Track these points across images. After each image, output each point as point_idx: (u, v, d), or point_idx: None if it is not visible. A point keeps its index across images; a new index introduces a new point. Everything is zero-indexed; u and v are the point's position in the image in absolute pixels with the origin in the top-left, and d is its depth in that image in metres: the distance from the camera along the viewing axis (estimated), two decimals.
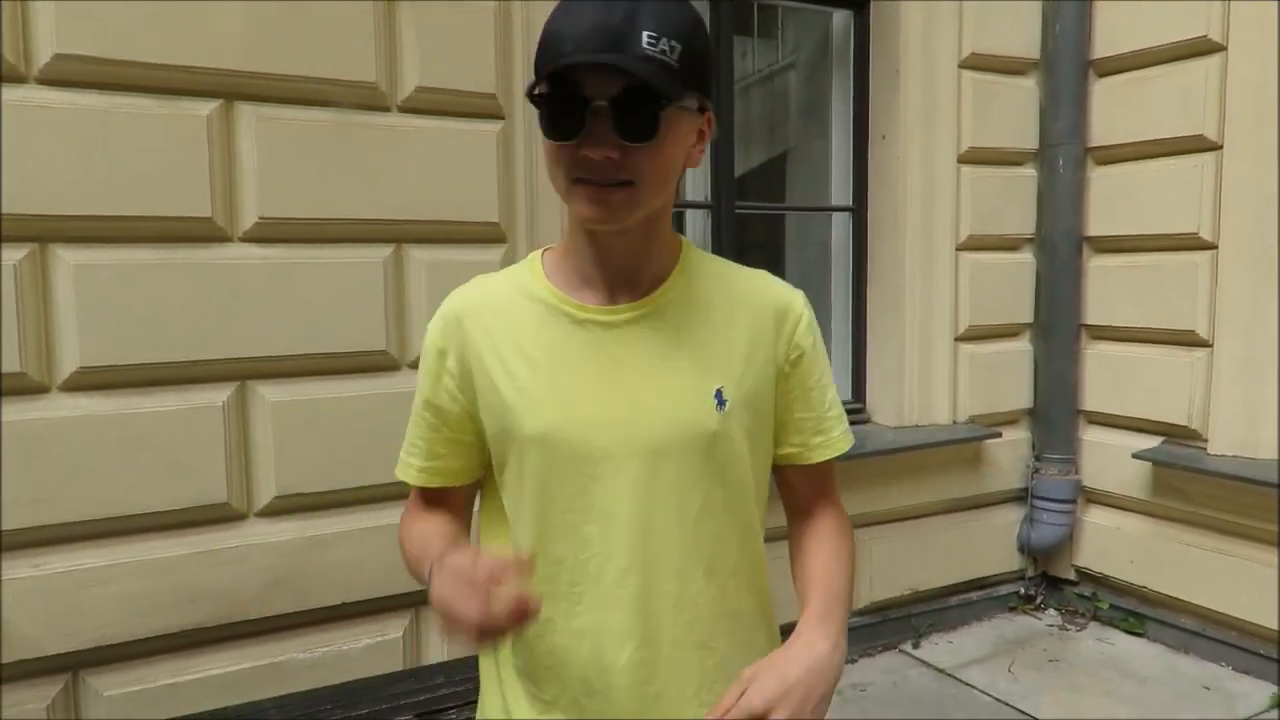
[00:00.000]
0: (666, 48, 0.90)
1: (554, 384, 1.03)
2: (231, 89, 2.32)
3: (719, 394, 1.04)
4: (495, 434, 1.07)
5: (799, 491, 1.18)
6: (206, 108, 2.30)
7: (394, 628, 2.63)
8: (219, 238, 2.35)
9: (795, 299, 1.13)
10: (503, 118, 2.65)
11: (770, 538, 1.18)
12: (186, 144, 2.28)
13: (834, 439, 1.16)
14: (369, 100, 2.48)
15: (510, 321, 1.06)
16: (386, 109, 2.52)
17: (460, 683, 2.32)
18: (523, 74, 2.67)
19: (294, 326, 2.43)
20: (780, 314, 1.10)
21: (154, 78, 2.23)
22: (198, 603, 2.37)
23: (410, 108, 2.53)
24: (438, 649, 2.68)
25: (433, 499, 1.15)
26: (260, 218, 2.38)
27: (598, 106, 0.91)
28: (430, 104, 2.55)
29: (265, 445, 2.44)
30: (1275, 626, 3.15)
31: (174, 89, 2.26)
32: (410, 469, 1.14)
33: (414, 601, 2.65)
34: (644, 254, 1.05)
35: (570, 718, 1.06)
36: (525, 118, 2.67)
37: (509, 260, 2.68)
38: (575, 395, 1.02)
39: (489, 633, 0.86)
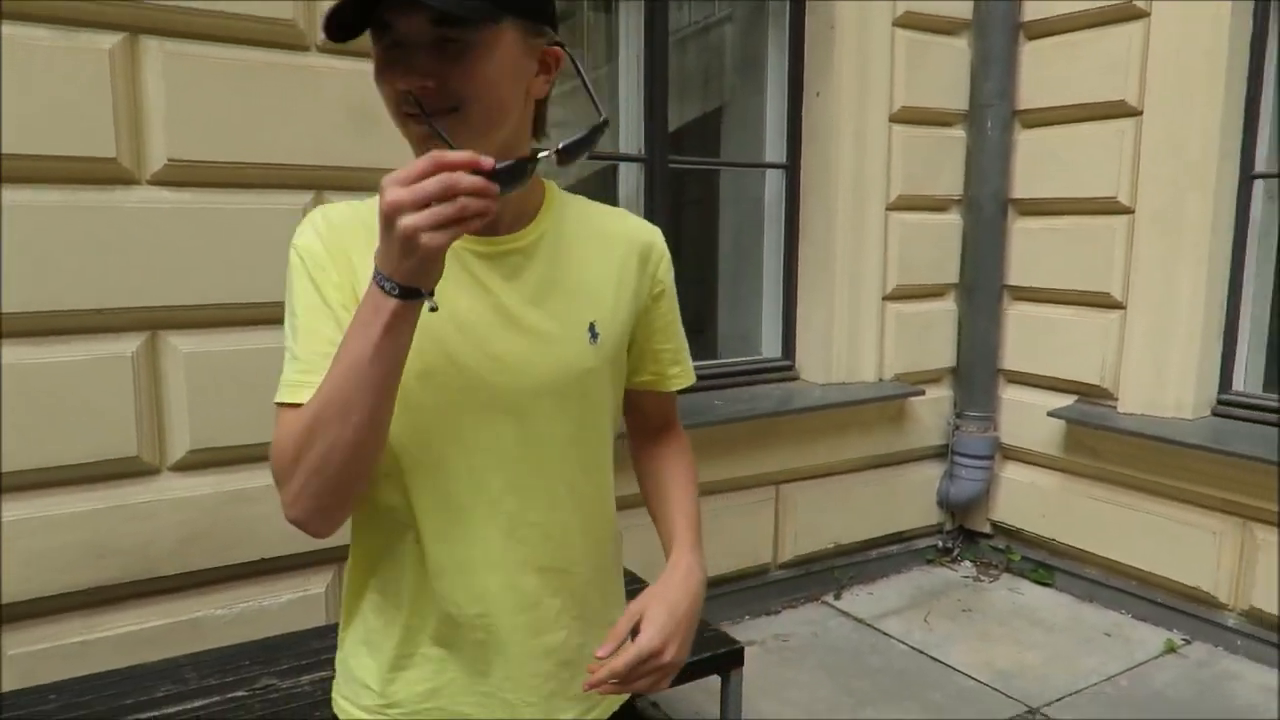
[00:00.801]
0: None
1: (426, 318, 0.95)
2: (136, 22, 2.19)
3: (592, 327, 1.06)
4: None
5: (651, 417, 1.26)
6: (109, 41, 2.17)
7: (316, 583, 2.60)
8: (125, 180, 2.24)
9: (657, 237, 1.18)
10: None
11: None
12: (88, 79, 2.15)
13: (687, 370, 1.24)
14: (286, 39, 2.38)
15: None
16: (305, 49, 2.41)
17: None
18: None
19: (207, 275, 2.34)
20: (645, 251, 1.15)
21: (51, 8, 2.09)
22: (108, 559, 2.30)
23: (330, 49, 2.43)
24: None
25: None
26: (169, 160, 2.27)
27: (401, 36, 0.90)
28: (350, 45, 2.44)
29: (178, 398, 2.35)
30: (1174, 578, 3.33)
31: (73, 20, 2.13)
32: (303, 389, 0.95)
33: (336, 557, 2.61)
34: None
35: (442, 650, 1.06)
36: None
37: None
38: (453, 325, 0.99)
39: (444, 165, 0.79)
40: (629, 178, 3.39)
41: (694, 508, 1.20)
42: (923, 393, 3.77)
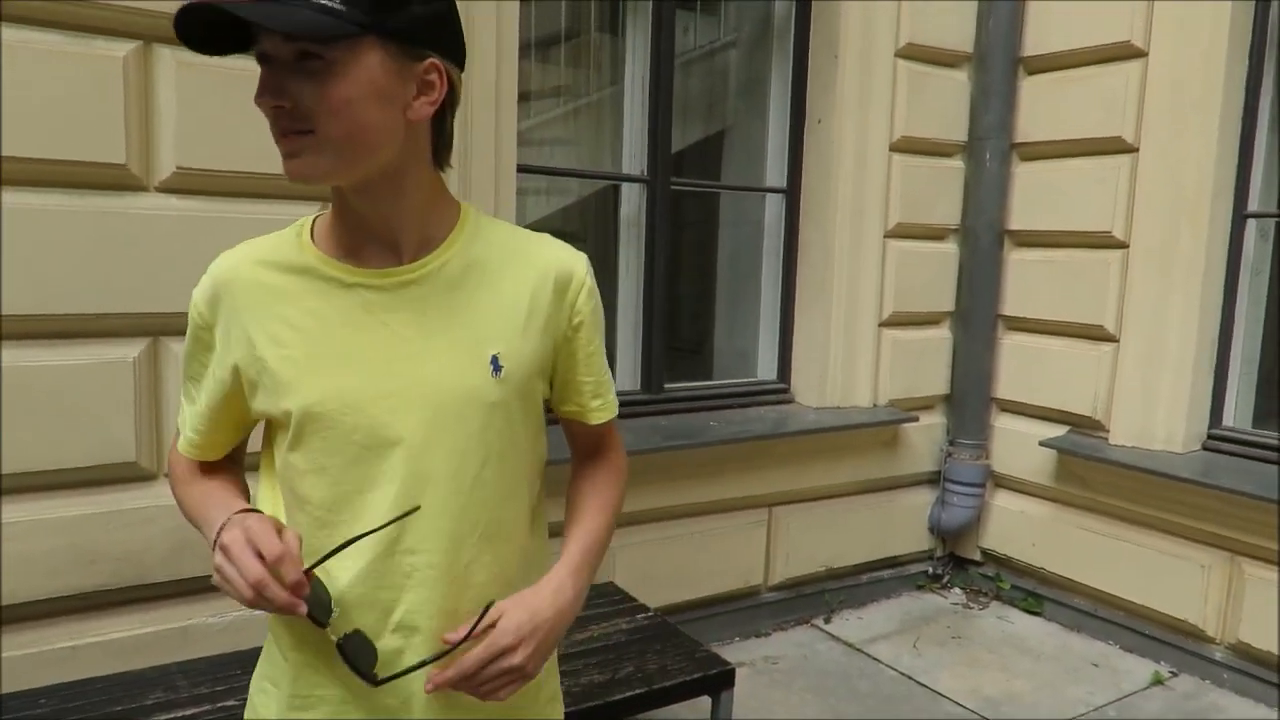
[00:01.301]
0: None
1: (324, 352, 0.99)
2: (151, 30, 2.22)
3: (495, 360, 1.03)
4: (264, 408, 1.02)
5: (583, 444, 1.25)
6: (123, 49, 2.19)
7: None
8: (134, 186, 2.25)
9: (578, 265, 1.12)
10: None
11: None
12: (100, 85, 2.17)
13: (610, 402, 1.20)
14: None
15: (275, 289, 1.02)
16: None
17: None
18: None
19: None
20: (563, 280, 1.10)
21: (68, 13, 2.12)
22: (100, 564, 2.30)
23: None
24: None
25: (205, 464, 1.13)
26: (178, 167, 2.28)
27: (266, 54, 0.91)
28: None
29: (178, 405, 2.35)
30: (1162, 610, 3.34)
31: (89, 26, 2.15)
32: (182, 434, 1.12)
33: None
34: (399, 215, 1.01)
35: (340, 690, 1.04)
36: (460, 79, 2.61)
37: None
38: (346, 363, 0.99)
39: (263, 597, 0.88)
40: (631, 198, 3.42)
41: (594, 531, 1.14)
42: (916, 419, 3.80)
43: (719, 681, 2.39)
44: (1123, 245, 3.42)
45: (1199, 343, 3.27)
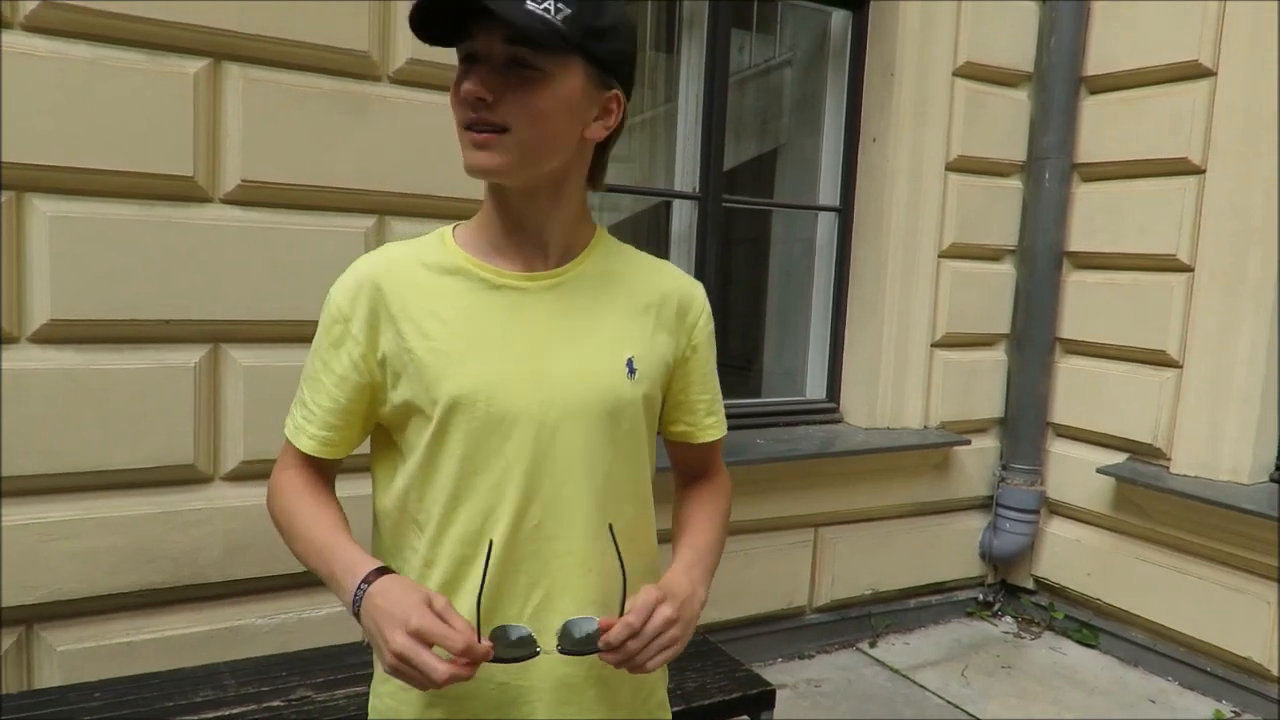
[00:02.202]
0: (551, 8, 0.94)
1: (471, 346, 1.04)
2: (221, 48, 2.30)
3: (630, 363, 1.09)
4: (407, 398, 1.06)
5: (688, 465, 1.28)
6: (194, 65, 2.27)
7: None
8: (199, 198, 2.33)
9: (698, 291, 1.20)
10: None
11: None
12: (171, 101, 2.25)
13: (721, 420, 1.26)
14: (360, 69, 2.47)
15: (424, 287, 1.07)
16: (378, 79, 2.50)
17: None
18: None
19: (271, 291, 2.42)
20: (685, 304, 1.17)
21: (142, 31, 2.20)
22: (158, 563, 2.36)
23: (402, 79, 2.52)
24: None
25: (312, 464, 1.14)
26: (243, 180, 2.36)
27: (477, 54, 0.97)
28: (422, 77, 2.54)
29: (235, 409, 2.42)
30: (1224, 646, 3.22)
31: (162, 44, 2.23)
32: (302, 435, 1.12)
33: None
34: (553, 222, 1.08)
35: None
36: None
37: None
38: (493, 357, 1.04)
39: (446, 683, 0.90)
40: (682, 214, 3.43)
41: (707, 541, 1.17)
42: (969, 442, 3.73)
43: (759, 702, 2.36)
44: (1187, 269, 3.33)
45: (1268, 369, 3.16)
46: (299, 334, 2.47)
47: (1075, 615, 3.74)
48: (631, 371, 1.09)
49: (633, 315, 1.12)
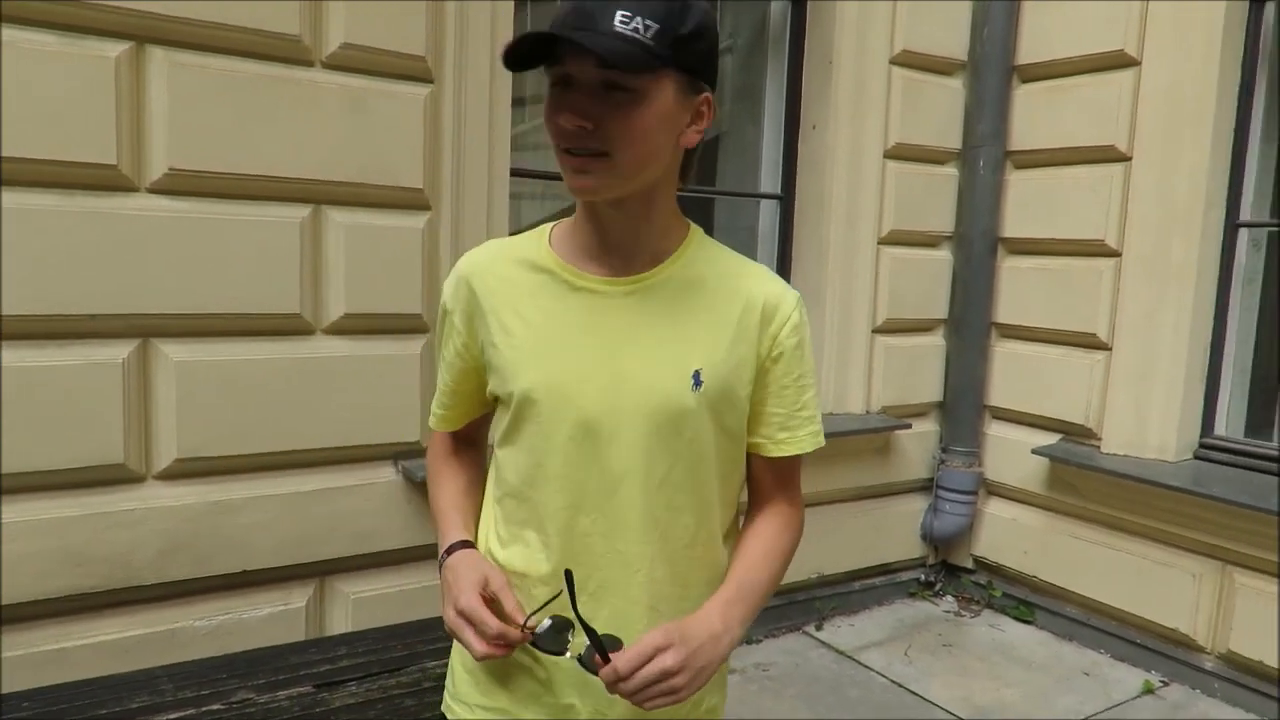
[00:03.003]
0: (640, 26, 0.95)
1: (544, 345, 1.10)
2: (144, 31, 2.21)
3: (696, 374, 1.09)
4: (495, 389, 1.16)
5: (759, 482, 1.24)
6: (116, 49, 2.18)
7: (297, 597, 2.58)
8: (124, 187, 2.24)
9: (788, 299, 1.16)
10: (432, 81, 2.59)
11: None
12: (91, 86, 2.16)
13: (799, 437, 1.20)
14: (292, 54, 2.40)
15: (512, 284, 1.13)
16: (310, 64, 2.43)
17: (362, 654, 2.28)
18: (455, 38, 2.61)
19: (202, 284, 2.34)
20: (769, 311, 1.14)
21: (57, 13, 2.11)
22: (89, 566, 2.29)
23: (335, 64, 2.46)
24: (341, 619, 2.65)
25: (455, 434, 1.30)
26: (170, 169, 2.28)
27: (570, 77, 0.98)
28: (356, 62, 2.48)
29: (167, 406, 2.35)
30: (1153, 619, 3.34)
31: (80, 26, 2.14)
32: (433, 412, 1.29)
33: (319, 571, 2.60)
34: (642, 230, 1.11)
35: (524, 656, 1.14)
36: (455, 83, 2.61)
37: (432, 228, 2.63)
38: (562, 358, 1.09)
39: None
40: None
41: (756, 578, 1.14)
42: (909, 426, 3.79)
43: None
44: (1115, 254, 3.43)
45: (1191, 351, 3.28)
46: (233, 327, 2.41)
47: (1013, 593, 3.84)
48: (697, 383, 1.09)
49: (711, 325, 1.11)
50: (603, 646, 1.00)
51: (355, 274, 2.54)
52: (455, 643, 1.18)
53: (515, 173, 2.87)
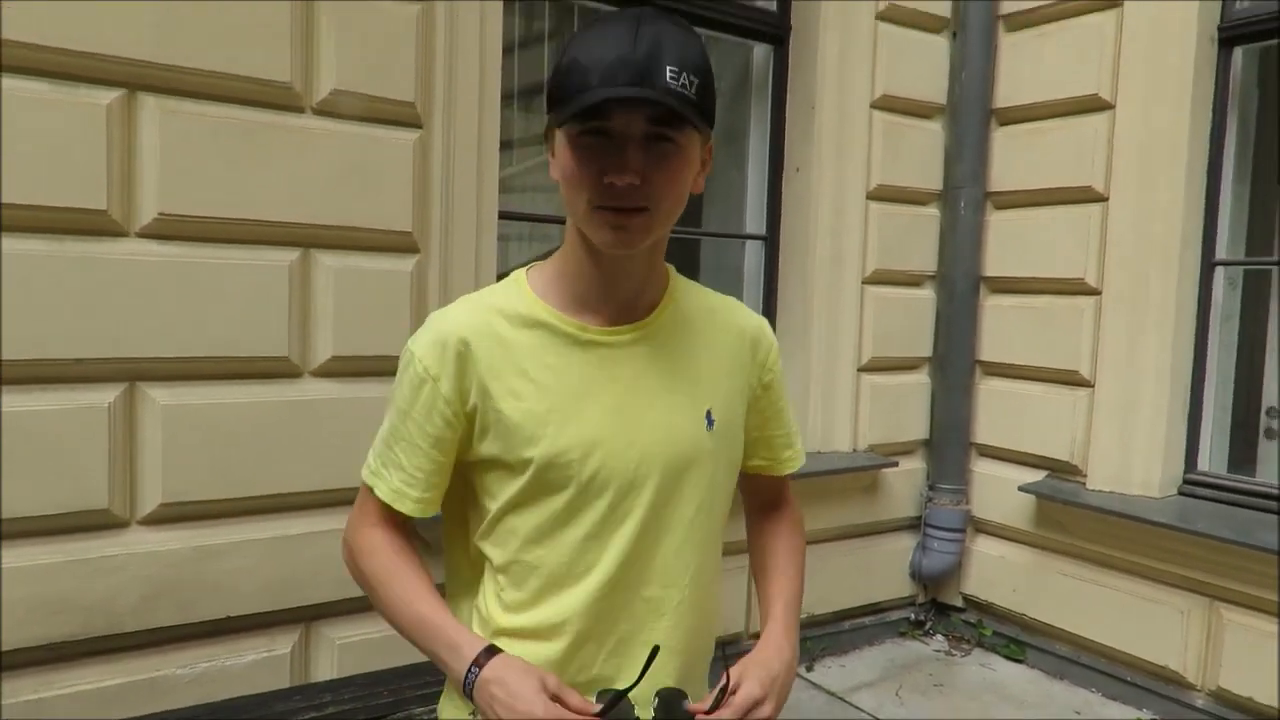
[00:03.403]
0: (686, 82, 0.96)
1: (562, 407, 1.06)
2: (136, 79, 2.24)
3: (709, 414, 1.12)
4: (493, 453, 1.08)
5: (765, 497, 1.33)
6: (108, 96, 2.21)
7: (282, 643, 2.55)
8: (114, 231, 2.25)
9: (766, 327, 1.23)
10: (420, 127, 2.62)
11: None
12: (83, 133, 2.18)
13: (799, 452, 1.31)
14: (282, 100, 2.43)
15: (507, 343, 1.07)
16: (300, 110, 2.46)
17: (348, 701, 2.25)
18: (443, 84, 2.65)
19: (190, 327, 2.35)
20: (755, 341, 1.20)
21: (52, 61, 2.13)
22: (68, 614, 2.25)
23: (325, 110, 2.49)
24: (326, 666, 2.61)
25: (397, 518, 1.14)
26: (160, 213, 2.29)
27: (608, 130, 0.97)
28: (346, 108, 2.51)
29: (153, 450, 2.34)
30: (1143, 656, 3.34)
31: (73, 74, 2.17)
32: (407, 500, 1.11)
33: (304, 616, 2.57)
34: (645, 279, 1.11)
35: None
36: (444, 127, 2.65)
37: (420, 271, 2.65)
38: (583, 418, 1.06)
39: None
40: None
41: (794, 588, 1.24)
42: (896, 464, 3.81)
43: None
44: (1095, 292, 3.48)
45: (1173, 388, 3.31)
46: (220, 370, 2.41)
47: (1003, 631, 3.83)
48: (710, 423, 1.12)
49: (711, 363, 1.14)
50: (686, 712, 1.02)
51: (344, 316, 2.55)
52: (448, 698, 1.16)
53: (503, 215, 2.89)
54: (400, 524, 1.15)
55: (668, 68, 0.95)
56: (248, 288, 2.41)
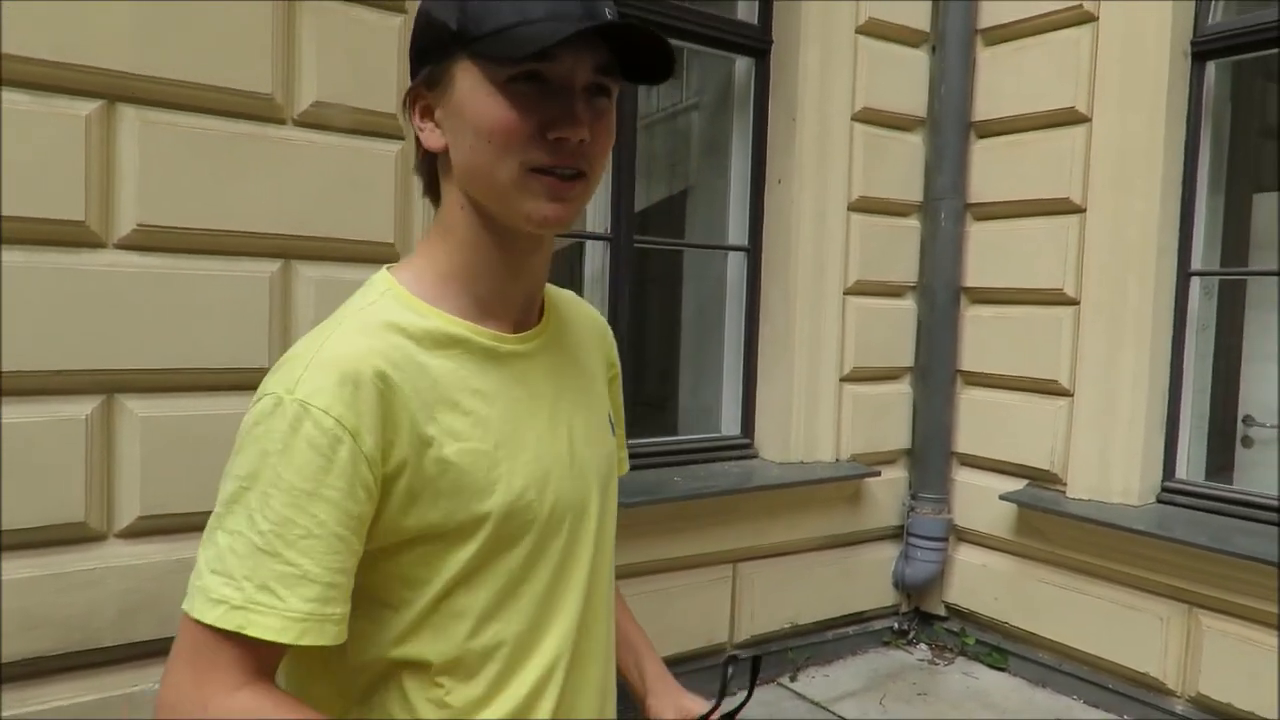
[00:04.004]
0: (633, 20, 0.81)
1: (507, 438, 0.86)
2: (115, 90, 2.23)
3: (609, 417, 1.03)
4: (427, 529, 0.82)
5: None
6: (86, 108, 2.20)
7: None
8: (92, 243, 2.24)
9: (604, 321, 1.12)
10: (403, 138, 2.63)
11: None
12: (61, 144, 2.17)
13: (626, 455, 1.17)
14: (263, 111, 2.43)
15: (431, 371, 0.83)
16: (281, 121, 2.46)
17: None
18: None
19: (170, 339, 2.33)
20: (602, 332, 1.09)
21: (30, 72, 2.12)
22: (44, 629, 2.22)
23: (306, 122, 2.49)
24: None
25: (265, 665, 0.79)
26: (139, 224, 2.28)
27: (555, 75, 0.80)
28: (327, 119, 2.51)
29: (131, 462, 2.32)
30: (1123, 663, 3.36)
31: (52, 85, 2.16)
32: (327, 625, 0.77)
33: None
34: (544, 273, 0.94)
35: None
36: None
37: None
38: (527, 445, 0.87)
39: None
40: (594, 255, 3.46)
41: (646, 640, 1.20)
42: (879, 473, 3.82)
43: None
44: (1074, 302, 3.51)
45: (1150, 397, 3.35)
46: (200, 382, 2.39)
47: (985, 639, 3.84)
48: (612, 428, 1.03)
49: (592, 366, 1.03)
50: None
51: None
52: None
53: None
54: (270, 673, 0.79)
55: (606, 7, 0.80)
56: (228, 299, 2.40)
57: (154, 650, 2.37)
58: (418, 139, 0.88)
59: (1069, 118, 3.50)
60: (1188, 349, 3.41)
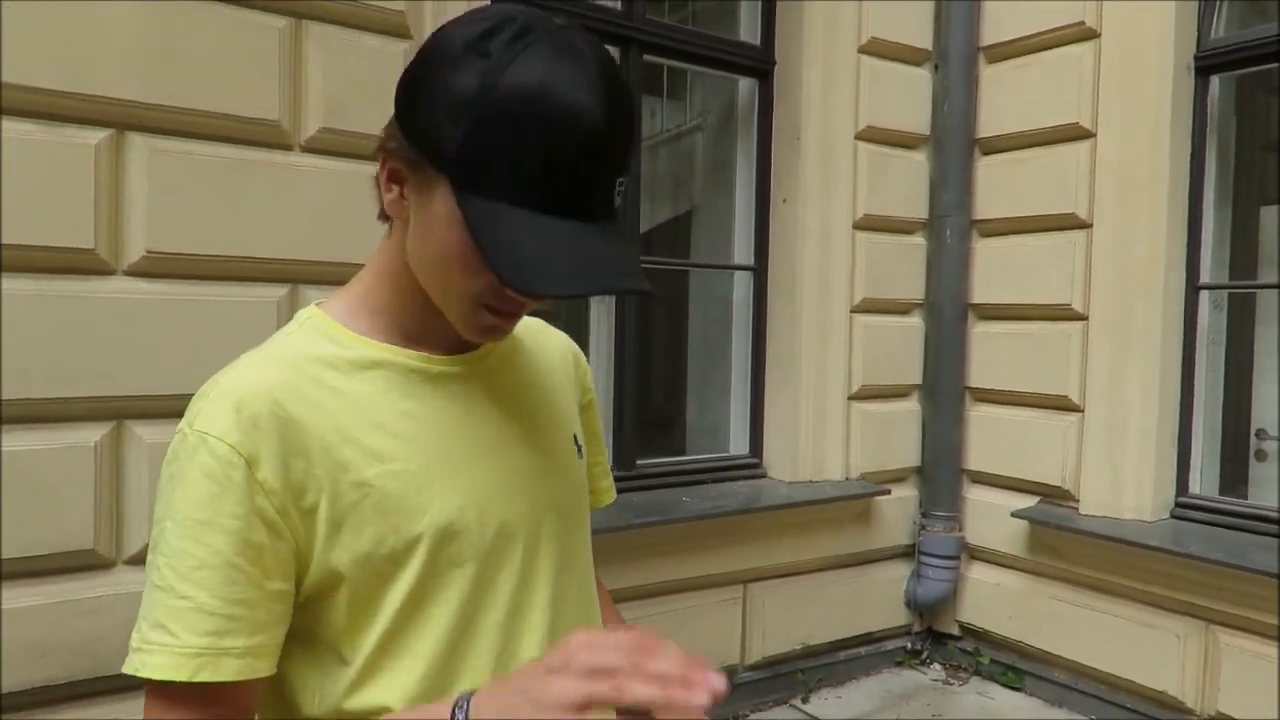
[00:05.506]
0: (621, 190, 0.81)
1: (438, 458, 0.84)
2: (124, 119, 2.25)
3: (575, 439, 1.00)
4: (361, 553, 0.79)
5: None
6: (96, 136, 2.22)
7: None
8: (102, 270, 2.25)
9: (575, 345, 1.10)
10: None
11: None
12: (71, 172, 2.19)
13: (613, 484, 1.15)
14: (271, 138, 2.44)
15: (348, 395, 0.83)
16: (288, 148, 2.48)
17: None
18: None
19: (179, 365, 2.34)
20: (573, 357, 1.08)
21: (39, 103, 2.14)
22: (52, 656, 2.22)
23: (313, 148, 2.50)
24: None
25: (225, 700, 0.76)
26: (148, 251, 2.29)
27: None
28: (334, 145, 2.53)
29: (140, 489, 2.32)
30: (1141, 681, 3.31)
31: (62, 115, 2.18)
32: (227, 658, 0.74)
33: None
34: None
35: None
36: None
37: None
38: (463, 465, 0.85)
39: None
40: None
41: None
42: (889, 492, 3.80)
43: None
44: (1082, 318, 3.50)
45: (1161, 412, 3.33)
46: None
47: (1000, 659, 3.80)
48: (579, 450, 1.00)
49: (555, 385, 1.01)
50: None
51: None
52: None
53: None
54: (227, 707, 0.76)
55: (619, 181, 0.79)
56: (236, 325, 2.41)
57: None
58: (378, 180, 0.88)
59: (1073, 133, 3.50)
60: (1198, 363, 3.39)
